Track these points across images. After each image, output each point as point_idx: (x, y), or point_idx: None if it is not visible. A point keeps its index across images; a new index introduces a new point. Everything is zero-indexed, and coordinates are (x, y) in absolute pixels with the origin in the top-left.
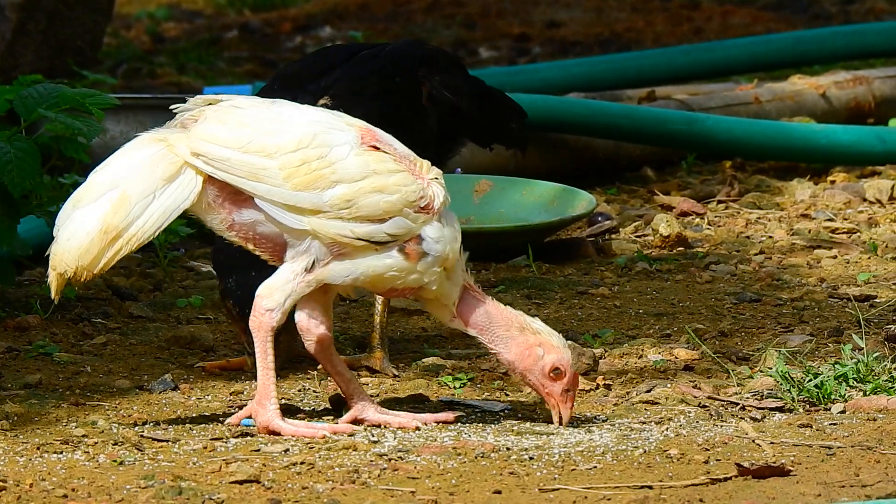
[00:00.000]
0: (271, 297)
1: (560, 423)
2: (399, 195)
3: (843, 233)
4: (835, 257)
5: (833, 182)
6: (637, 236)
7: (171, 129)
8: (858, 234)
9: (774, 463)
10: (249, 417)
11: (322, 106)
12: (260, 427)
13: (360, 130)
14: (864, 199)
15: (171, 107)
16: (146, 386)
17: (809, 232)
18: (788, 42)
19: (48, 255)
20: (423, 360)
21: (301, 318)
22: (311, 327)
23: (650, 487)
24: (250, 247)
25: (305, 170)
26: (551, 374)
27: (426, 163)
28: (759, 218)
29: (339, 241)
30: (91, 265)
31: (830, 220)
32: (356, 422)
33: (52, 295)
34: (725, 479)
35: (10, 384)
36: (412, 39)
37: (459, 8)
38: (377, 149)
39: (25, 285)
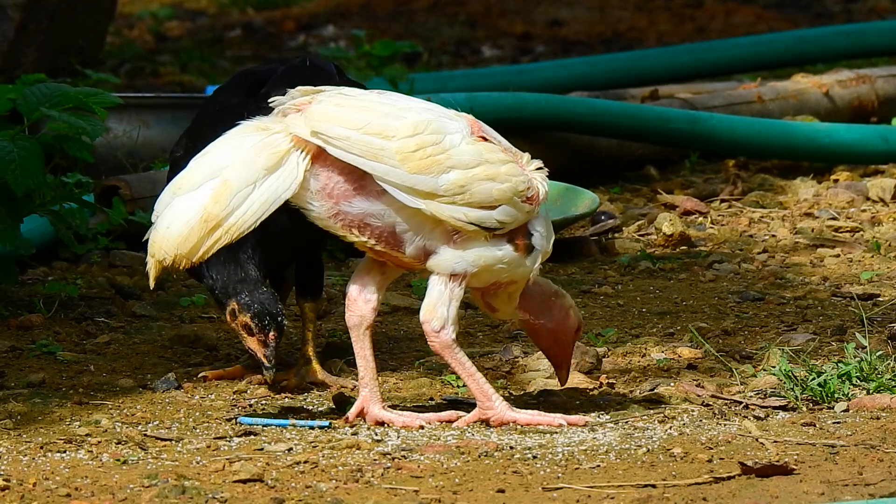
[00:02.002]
0: (434, 318)
1: (564, 383)
2: (509, 184)
3: (847, 231)
4: (838, 256)
5: (836, 181)
6: (640, 235)
7: (273, 118)
8: (861, 232)
9: (778, 462)
10: (483, 420)
11: None
12: (496, 424)
13: (468, 121)
14: (868, 198)
15: (271, 101)
16: (149, 385)
17: (812, 231)
18: (791, 41)
19: (144, 241)
20: (426, 358)
21: (353, 290)
22: (360, 302)
23: (653, 486)
24: (354, 232)
25: (421, 155)
26: (574, 333)
27: (526, 155)
28: (762, 217)
29: (453, 224)
30: (190, 253)
31: (834, 218)
32: (360, 414)
33: (150, 283)
34: (729, 478)
35: (13, 383)
36: (300, 57)
37: (462, 7)
38: (485, 139)
39: (28, 284)
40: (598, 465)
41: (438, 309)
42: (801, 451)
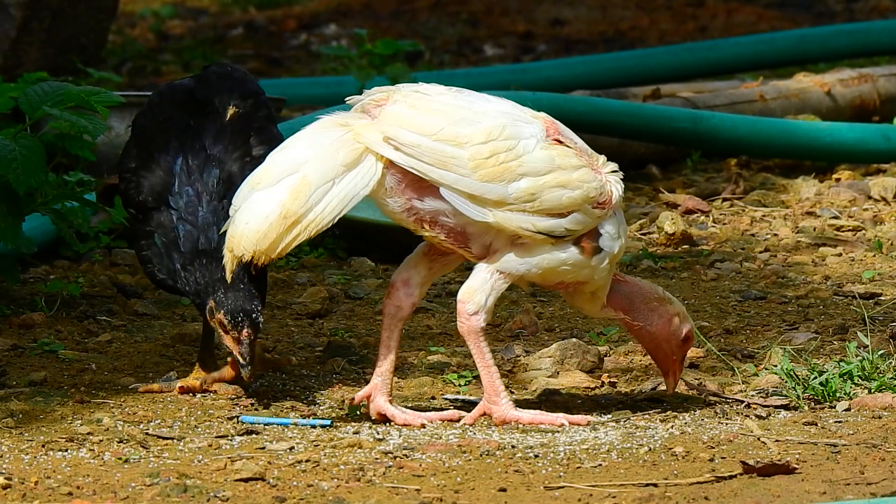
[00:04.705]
0: (472, 300)
1: (672, 390)
2: (581, 191)
3: (848, 230)
4: (840, 255)
5: (838, 180)
6: (642, 234)
7: (353, 113)
8: (863, 231)
9: (779, 461)
10: (485, 415)
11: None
12: (497, 422)
13: (544, 123)
14: (869, 197)
15: (346, 99)
16: (151, 383)
17: (814, 230)
18: (793, 40)
19: (221, 234)
20: (429, 357)
21: (397, 280)
22: (401, 293)
23: (655, 485)
24: (426, 228)
25: (493, 161)
26: (683, 342)
27: (602, 157)
28: (763, 216)
29: (521, 234)
30: (269, 249)
31: (835, 217)
32: (367, 399)
33: (227, 277)
34: (730, 477)
35: (15, 382)
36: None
37: (463, 6)
38: (560, 142)
39: (30, 283)
40: (600, 464)
41: (477, 295)
42: (803, 450)
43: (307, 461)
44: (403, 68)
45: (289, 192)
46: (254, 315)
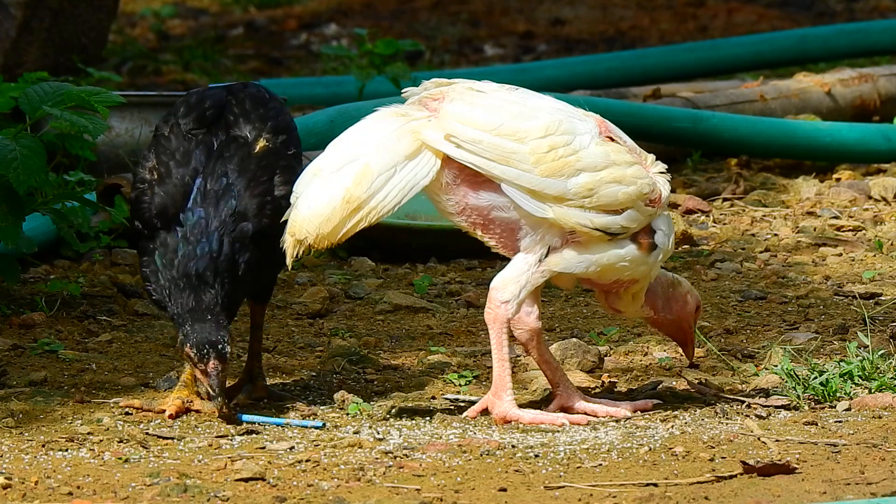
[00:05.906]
0: (506, 289)
1: (692, 358)
2: (635, 187)
3: (849, 230)
4: (840, 255)
5: (838, 180)
6: None
7: (411, 105)
8: (864, 231)
9: (780, 461)
10: (486, 411)
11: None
12: (497, 418)
13: (596, 121)
14: (870, 197)
15: (403, 92)
16: (151, 383)
17: (815, 230)
18: (793, 40)
19: (283, 221)
20: (429, 357)
21: (522, 310)
22: (524, 316)
23: (655, 485)
24: (478, 233)
25: (553, 156)
26: (695, 313)
27: (651, 156)
28: (764, 216)
29: (578, 230)
30: (331, 234)
31: (836, 217)
32: (562, 410)
33: (288, 262)
34: (731, 477)
35: (15, 381)
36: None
37: (464, 6)
38: (612, 139)
39: (31, 282)
40: (600, 464)
41: (511, 285)
42: (803, 449)
43: (307, 461)
44: (404, 68)
45: (352, 177)
46: (220, 346)
